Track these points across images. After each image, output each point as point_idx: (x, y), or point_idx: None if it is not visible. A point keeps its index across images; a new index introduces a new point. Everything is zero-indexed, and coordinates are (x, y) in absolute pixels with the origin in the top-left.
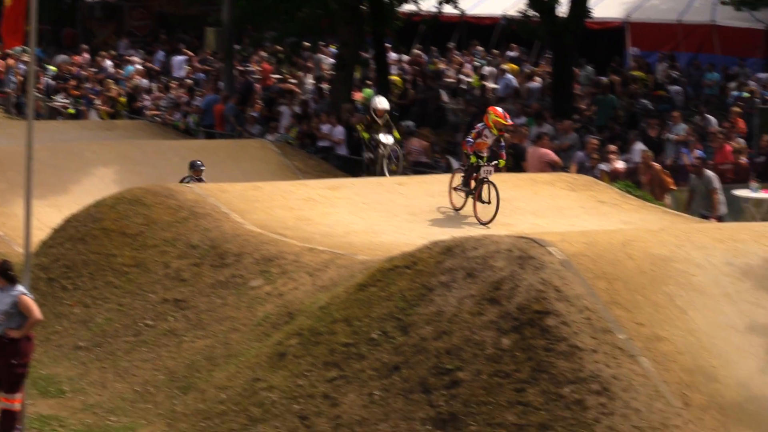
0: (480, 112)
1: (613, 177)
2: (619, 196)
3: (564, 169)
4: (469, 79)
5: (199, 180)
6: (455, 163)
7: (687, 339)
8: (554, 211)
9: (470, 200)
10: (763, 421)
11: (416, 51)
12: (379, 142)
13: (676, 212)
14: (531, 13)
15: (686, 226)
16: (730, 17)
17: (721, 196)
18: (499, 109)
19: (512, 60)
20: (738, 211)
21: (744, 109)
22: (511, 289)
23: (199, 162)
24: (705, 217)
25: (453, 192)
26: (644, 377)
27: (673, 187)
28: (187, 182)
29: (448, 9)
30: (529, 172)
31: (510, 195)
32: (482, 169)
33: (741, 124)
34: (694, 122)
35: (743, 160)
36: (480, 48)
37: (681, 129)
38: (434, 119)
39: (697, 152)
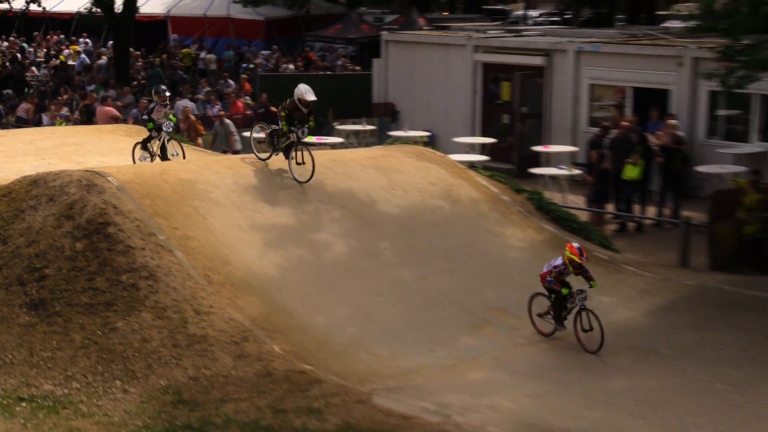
0: (63, 81)
1: None
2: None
3: (124, 121)
4: (57, 61)
5: (165, 105)
6: (45, 119)
7: (208, 237)
8: (116, 152)
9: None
10: (262, 292)
11: (12, 39)
12: (294, 133)
13: (204, 150)
14: (95, 9)
15: (206, 158)
16: (240, 12)
17: (236, 137)
18: (575, 245)
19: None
20: (247, 148)
21: (250, 76)
22: (82, 208)
23: (163, 87)
24: (225, 152)
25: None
26: (179, 265)
27: (203, 132)
28: (153, 107)
29: (34, 7)
30: (98, 125)
31: (82, 141)
32: (578, 298)
33: (248, 86)
34: (217, 86)
35: (249, 111)
36: (62, 36)
37: (205, 91)
38: (22, 88)
39: (218, 107)
